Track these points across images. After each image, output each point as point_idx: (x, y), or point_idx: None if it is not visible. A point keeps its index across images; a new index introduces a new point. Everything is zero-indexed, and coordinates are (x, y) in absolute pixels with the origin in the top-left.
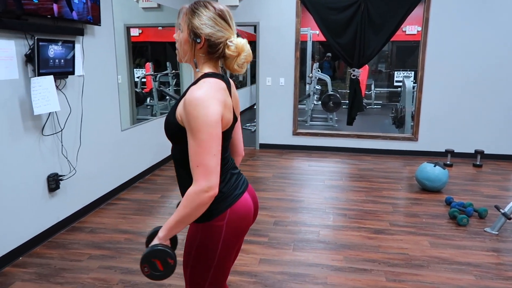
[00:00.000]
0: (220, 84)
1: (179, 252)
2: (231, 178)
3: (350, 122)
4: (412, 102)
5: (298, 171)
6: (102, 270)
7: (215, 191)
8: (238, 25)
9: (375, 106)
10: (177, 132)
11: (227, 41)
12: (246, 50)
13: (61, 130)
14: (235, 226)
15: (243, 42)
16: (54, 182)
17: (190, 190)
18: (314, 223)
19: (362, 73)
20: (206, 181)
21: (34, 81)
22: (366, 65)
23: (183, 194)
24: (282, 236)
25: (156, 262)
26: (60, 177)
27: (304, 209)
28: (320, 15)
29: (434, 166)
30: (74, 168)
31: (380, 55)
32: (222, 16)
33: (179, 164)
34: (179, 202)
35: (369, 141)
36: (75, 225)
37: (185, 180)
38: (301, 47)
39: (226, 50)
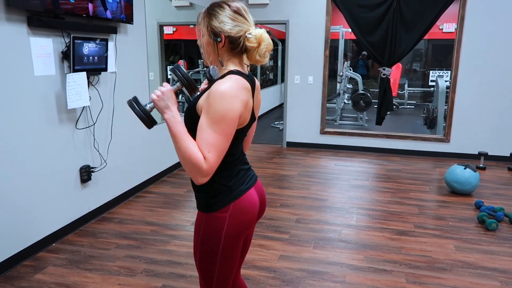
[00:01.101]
0: (244, 83)
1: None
2: (239, 173)
3: (379, 121)
4: (446, 102)
5: (324, 170)
6: (128, 259)
7: (204, 182)
8: (268, 23)
9: (408, 106)
10: (193, 121)
11: (246, 34)
12: (265, 40)
13: (94, 124)
14: (238, 219)
15: (261, 32)
16: (86, 174)
17: (200, 157)
18: (336, 222)
19: (395, 72)
20: (208, 168)
21: (69, 77)
22: (400, 63)
23: (192, 181)
24: (303, 234)
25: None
26: (92, 169)
27: (327, 208)
28: (351, 13)
29: (465, 168)
30: (105, 161)
31: (414, 53)
32: (237, 12)
33: None
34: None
35: (398, 142)
36: (105, 216)
37: None
38: (333, 45)
39: (247, 43)
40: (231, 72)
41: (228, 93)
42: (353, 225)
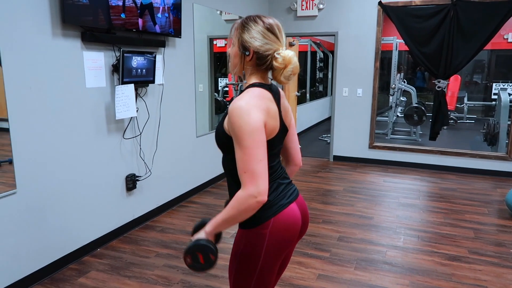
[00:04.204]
0: (264, 93)
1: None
2: (278, 187)
3: (433, 137)
4: (509, 117)
5: (371, 186)
6: (166, 268)
7: (264, 197)
8: (317, 35)
9: (468, 121)
10: (226, 142)
11: (275, 53)
12: (293, 63)
13: (140, 134)
14: (279, 236)
15: (290, 55)
16: (131, 182)
17: (239, 193)
18: (381, 243)
19: (453, 85)
20: (254, 186)
21: (118, 89)
22: (459, 75)
23: (231, 195)
24: (345, 253)
25: (199, 255)
26: (137, 178)
27: (372, 226)
28: (403, 24)
29: None
30: (150, 170)
31: (475, 64)
32: (270, 29)
33: (228, 173)
34: (227, 201)
35: (454, 159)
36: (148, 224)
37: (232, 187)
38: (386, 56)
39: (274, 62)
40: (251, 86)
41: (244, 107)
42: (399, 247)
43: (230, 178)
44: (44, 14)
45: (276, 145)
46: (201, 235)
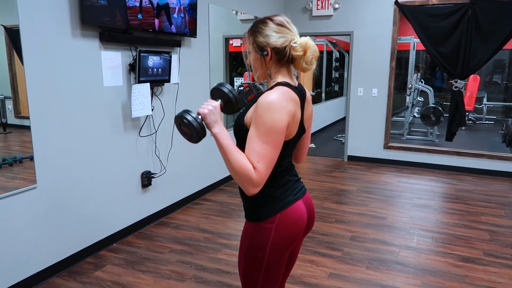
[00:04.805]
0: (292, 95)
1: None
2: (286, 184)
3: (449, 137)
4: None
5: (386, 187)
6: (179, 264)
7: (253, 193)
8: (332, 35)
9: (487, 122)
10: (243, 133)
11: (291, 43)
12: (311, 47)
13: (155, 132)
14: (285, 231)
15: (306, 40)
16: (147, 179)
17: (249, 166)
18: (394, 243)
19: (472, 85)
20: (261, 177)
21: (134, 88)
22: (478, 75)
23: (241, 190)
24: (357, 252)
25: (191, 129)
26: (152, 175)
27: (386, 227)
28: (420, 23)
29: None
30: (164, 168)
31: (495, 64)
32: (280, 24)
33: None
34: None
35: (471, 160)
36: (163, 220)
37: None
38: (403, 56)
39: (293, 52)
40: (280, 84)
41: (276, 104)
42: (412, 247)
43: None
44: (64, 15)
45: (291, 146)
46: (213, 119)
